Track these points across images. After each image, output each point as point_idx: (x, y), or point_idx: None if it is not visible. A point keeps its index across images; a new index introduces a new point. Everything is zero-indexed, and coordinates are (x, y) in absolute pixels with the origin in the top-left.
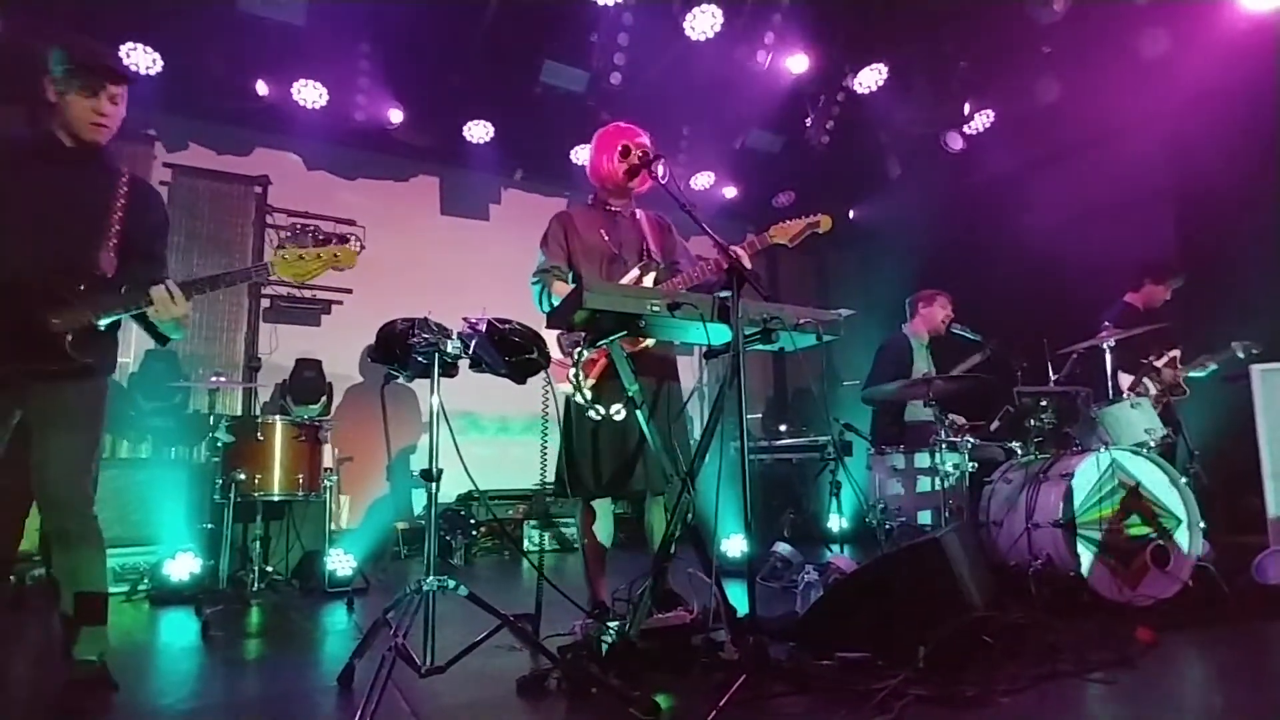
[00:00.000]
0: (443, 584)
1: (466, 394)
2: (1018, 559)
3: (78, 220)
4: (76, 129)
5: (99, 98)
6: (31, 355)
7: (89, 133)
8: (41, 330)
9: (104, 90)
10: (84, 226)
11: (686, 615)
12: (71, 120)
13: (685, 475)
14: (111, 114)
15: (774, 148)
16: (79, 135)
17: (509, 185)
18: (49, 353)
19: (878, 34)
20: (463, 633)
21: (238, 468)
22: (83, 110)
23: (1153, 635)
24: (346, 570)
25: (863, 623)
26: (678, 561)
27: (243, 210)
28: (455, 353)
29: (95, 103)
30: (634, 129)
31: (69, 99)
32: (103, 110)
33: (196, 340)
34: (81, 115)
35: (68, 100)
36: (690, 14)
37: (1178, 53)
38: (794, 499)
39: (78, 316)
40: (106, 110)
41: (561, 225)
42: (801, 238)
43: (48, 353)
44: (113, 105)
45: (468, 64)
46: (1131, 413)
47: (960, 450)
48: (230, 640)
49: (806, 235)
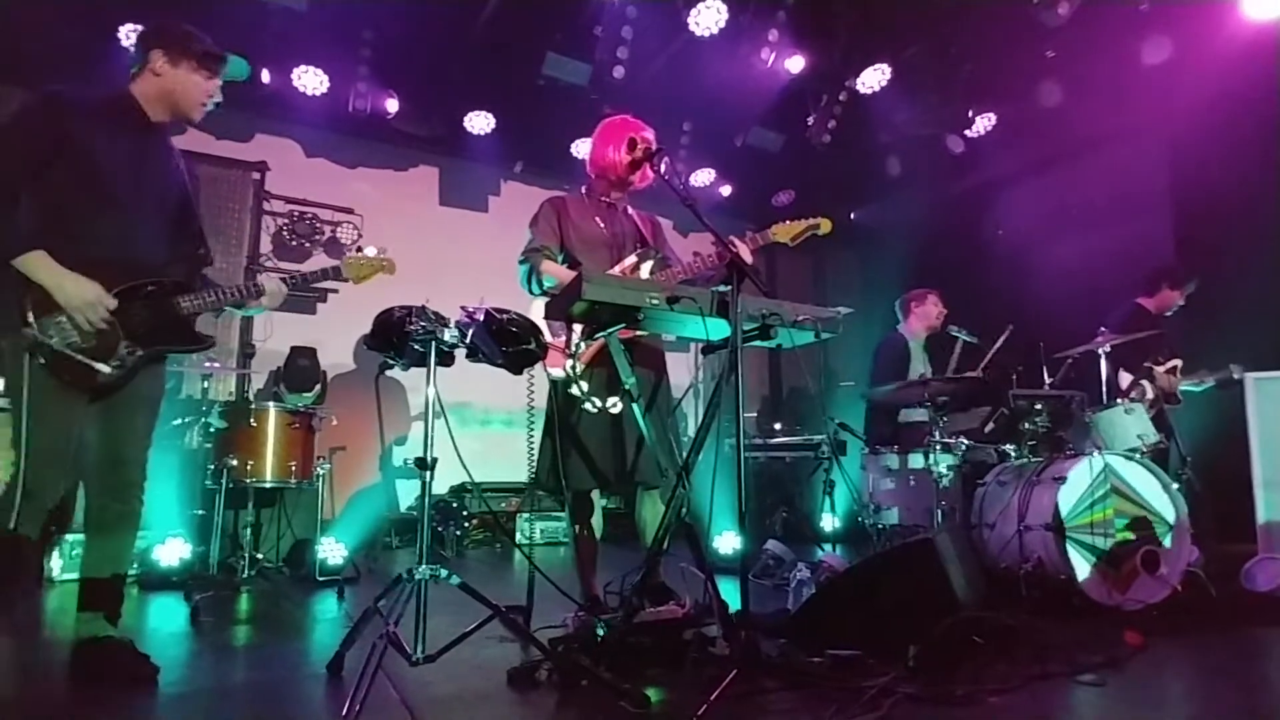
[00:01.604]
0: (435, 573)
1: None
2: (1009, 561)
3: (172, 198)
4: (184, 105)
5: (214, 82)
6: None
7: (196, 111)
8: (173, 311)
9: (218, 77)
10: (179, 205)
11: (679, 609)
12: (181, 95)
13: (681, 470)
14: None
15: (775, 146)
16: (185, 112)
17: (509, 177)
18: (181, 334)
19: (882, 34)
20: (454, 623)
21: (230, 454)
22: (199, 90)
23: (1141, 639)
24: (337, 559)
25: (854, 621)
26: (671, 556)
27: (240, 196)
28: (452, 341)
29: (211, 86)
30: (640, 123)
31: (187, 76)
32: (214, 95)
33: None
34: (196, 94)
35: (184, 77)
36: (695, 9)
37: (1180, 59)
38: (787, 497)
39: (201, 300)
40: (218, 96)
41: (554, 209)
42: (802, 238)
43: (181, 334)
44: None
45: (470, 55)
46: (1125, 418)
47: (954, 451)
48: (220, 626)
49: (807, 236)
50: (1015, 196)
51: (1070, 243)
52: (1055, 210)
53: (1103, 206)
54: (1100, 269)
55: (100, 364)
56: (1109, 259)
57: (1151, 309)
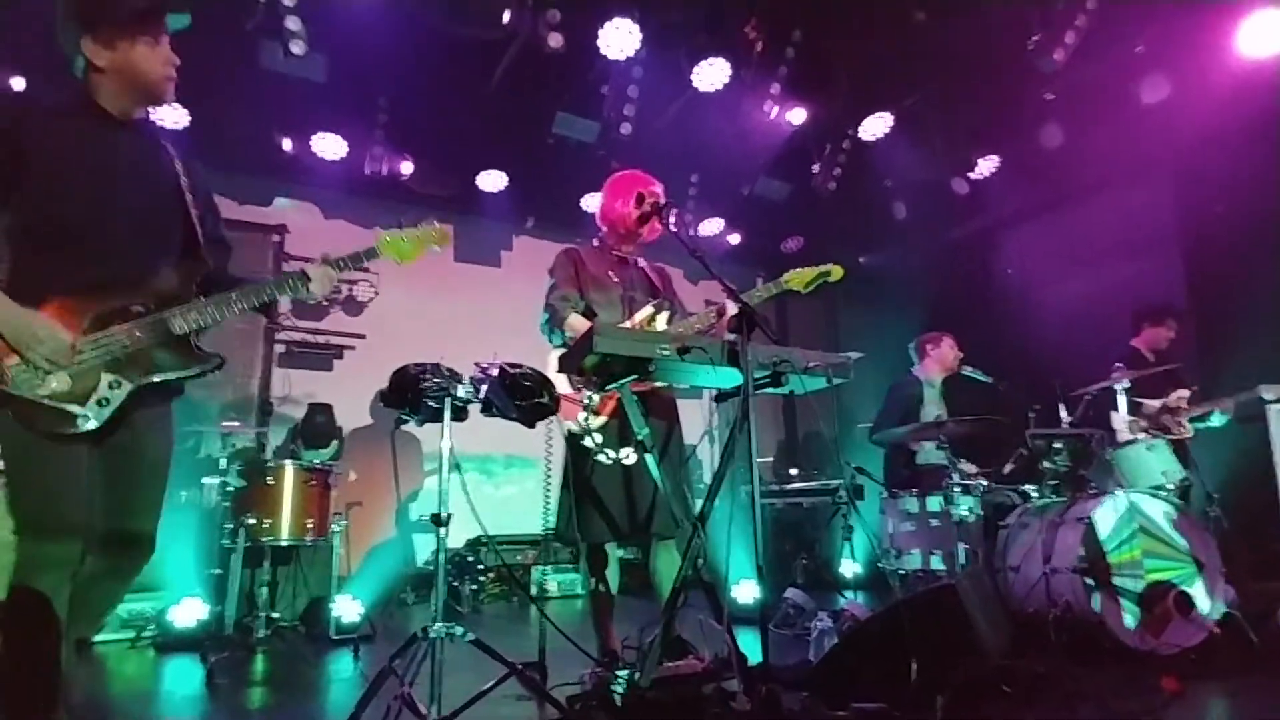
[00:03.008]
0: (450, 630)
1: (477, 435)
2: (1036, 605)
3: (158, 202)
4: (147, 86)
5: (163, 45)
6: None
7: (163, 88)
8: (165, 331)
9: (165, 36)
10: (167, 209)
11: (698, 663)
12: (139, 75)
13: (696, 520)
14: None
15: (781, 195)
16: (152, 93)
17: (520, 232)
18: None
19: (881, 84)
20: (471, 681)
21: (247, 512)
22: (153, 62)
23: (1179, 685)
24: (353, 617)
25: (878, 672)
26: (688, 608)
27: (261, 259)
28: (466, 397)
29: (163, 51)
30: (649, 177)
31: (134, 53)
32: (171, 59)
33: (210, 383)
34: (153, 67)
35: (132, 55)
36: (698, 67)
37: (1179, 98)
38: (806, 544)
39: (200, 313)
40: (174, 59)
41: (571, 259)
42: (815, 284)
43: (178, 356)
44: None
45: (482, 116)
46: (1147, 455)
47: (974, 494)
48: (234, 689)
49: (819, 282)
50: (1023, 237)
51: (1080, 281)
52: (1063, 249)
53: (1111, 244)
54: (1112, 306)
55: (76, 407)
56: (1120, 296)
57: (1145, 349)
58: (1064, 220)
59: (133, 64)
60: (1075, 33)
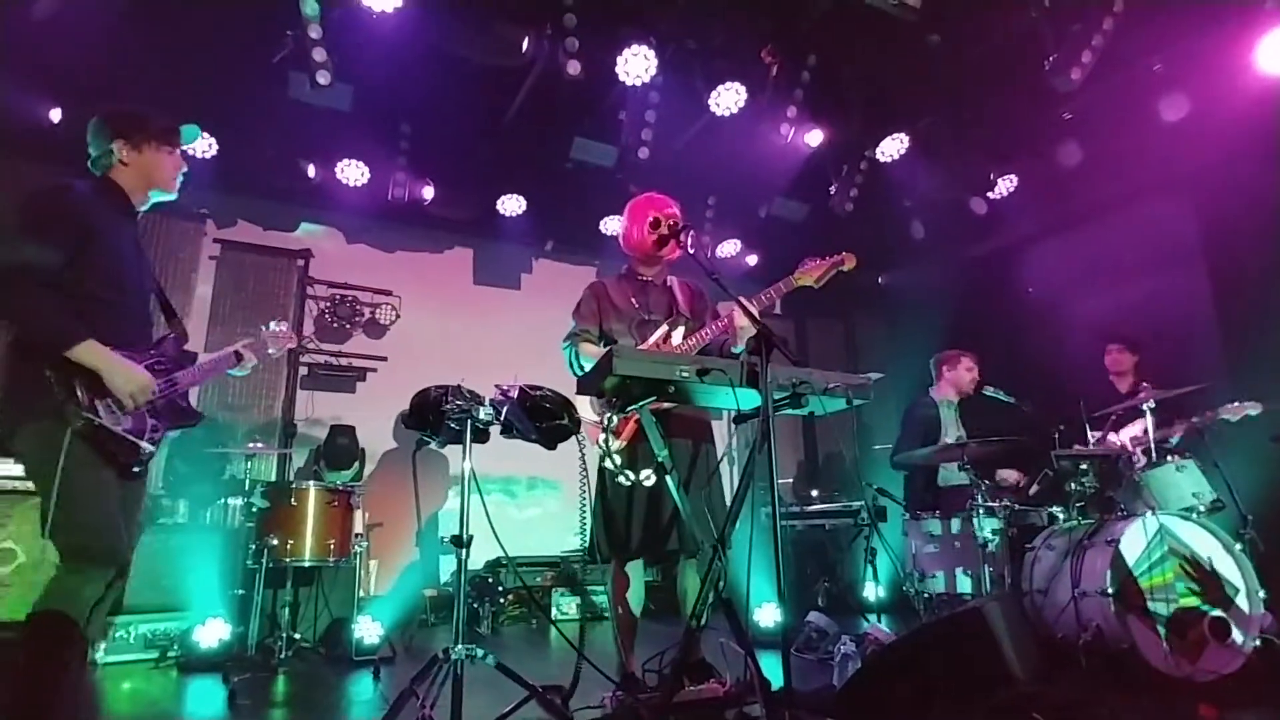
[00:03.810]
0: (471, 652)
1: (495, 458)
2: (1065, 630)
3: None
4: (162, 183)
5: (178, 153)
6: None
7: (171, 185)
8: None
9: (180, 147)
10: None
11: (719, 687)
12: (157, 176)
13: (716, 542)
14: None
15: (799, 215)
16: (165, 188)
17: (540, 255)
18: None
19: (897, 106)
20: (491, 703)
21: (271, 533)
22: (169, 166)
23: (1216, 712)
24: (374, 638)
25: (902, 697)
26: (710, 631)
27: (285, 283)
28: (487, 419)
29: (177, 158)
30: (665, 200)
31: (154, 156)
32: (182, 166)
33: (236, 406)
34: (168, 171)
35: (151, 158)
36: (715, 91)
37: (1199, 115)
38: (828, 566)
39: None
40: (183, 165)
41: (594, 295)
42: (827, 278)
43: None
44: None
45: (501, 142)
46: (1177, 475)
47: (998, 515)
48: (256, 710)
49: (832, 274)
50: (1043, 255)
51: (1103, 299)
52: (1085, 267)
53: (1134, 261)
54: (1136, 324)
55: (144, 441)
56: (1144, 314)
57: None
58: (1085, 238)
59: (154, 166)
60: (1092, 52)
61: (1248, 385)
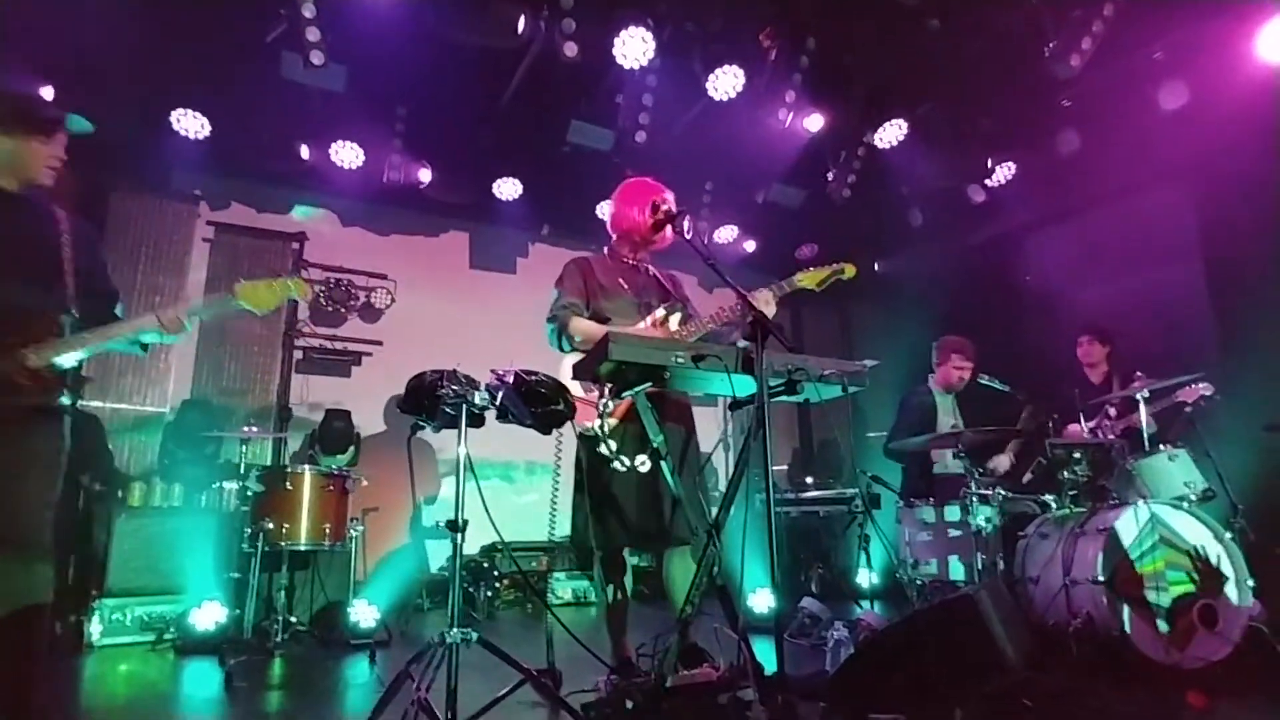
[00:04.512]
0: (466, 636)
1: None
2: (1056, 617)
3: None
4: (27, 172)
5: (54, 143)
6: None
7: (44, 176)
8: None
9: (58, 136)
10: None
11: (713, 672)
12: (20, 164)
13: (711, 528)
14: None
15: (796, 202)
16: (29, 177)
17: (536, 240)
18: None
19: (896, 92)
20: (486, 686)
21: (266, 517)
22: (37, 156)
23: (1205, 699)
24: (369, 622)
25: (895, 683)
26: (703, 616)
27: (280, 266)
28: (483, 404)
29: (50, 149)
30: (660, 186)
31: (22, 145)
32: (59, 155)
33: (231, 390)
34: (34, 160)
35: (17, 146)
36: (713, 75)
37: (1198, 103)
38: (822, 553)
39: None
40: (61, 155)
41: (579, 269)
42: (827, 283)
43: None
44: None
45: (498, 125)
46: (1169, 465)
47: (992, 503)
48: (252, 692)
49: (832, 281)
50: (1041, 243)
51: (1099, 289)
52: (1082, 255)
53: (1131, 250)
54: (1132, 314)
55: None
56: (1140, 304)
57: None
58: (1083, 226)
59: (19, 154)
60: (1092, 39)
61: (1242, 375)
